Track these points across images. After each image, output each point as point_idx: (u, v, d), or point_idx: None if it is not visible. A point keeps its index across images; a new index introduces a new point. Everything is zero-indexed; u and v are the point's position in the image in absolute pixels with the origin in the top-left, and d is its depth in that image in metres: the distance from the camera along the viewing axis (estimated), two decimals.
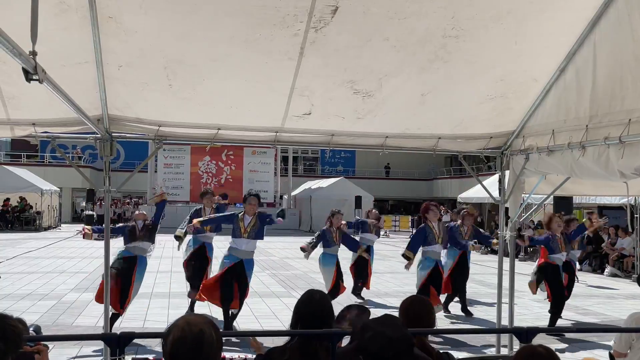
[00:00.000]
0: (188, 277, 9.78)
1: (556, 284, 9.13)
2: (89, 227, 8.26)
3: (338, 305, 3.62)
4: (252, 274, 8.44)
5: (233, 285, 8.20)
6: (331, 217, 10.10)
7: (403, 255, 8.54)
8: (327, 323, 2.99)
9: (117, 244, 7.95)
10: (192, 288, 9.56)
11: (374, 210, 12.98)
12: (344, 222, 10.46)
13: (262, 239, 8.32)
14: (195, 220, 8.55)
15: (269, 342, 3.29)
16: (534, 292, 9.57)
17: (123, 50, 4.07)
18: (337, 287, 9.68)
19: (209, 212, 9.66)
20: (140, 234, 7.90)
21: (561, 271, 9.29)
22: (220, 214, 8.92)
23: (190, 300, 9.64)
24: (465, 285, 10.46)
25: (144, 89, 4.66)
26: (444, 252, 9.46)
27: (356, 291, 11.60)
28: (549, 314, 9.04)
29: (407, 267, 8.61)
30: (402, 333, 2.43)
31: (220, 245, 9.91)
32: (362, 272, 11.41)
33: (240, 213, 8.32)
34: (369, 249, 11.32)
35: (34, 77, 2.55)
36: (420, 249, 8.58)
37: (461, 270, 10.28)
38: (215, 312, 8.65)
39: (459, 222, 10.47)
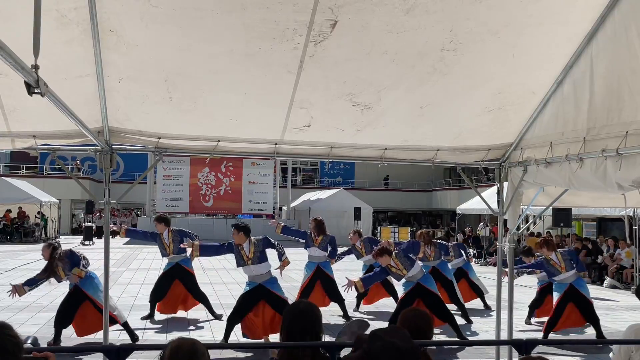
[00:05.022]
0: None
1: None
2: (18, 283, 7.91)
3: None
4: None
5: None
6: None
7: None
8: (312, 331, 2.98)
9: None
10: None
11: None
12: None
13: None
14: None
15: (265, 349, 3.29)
16: None
17: (124, 63, 4.10)
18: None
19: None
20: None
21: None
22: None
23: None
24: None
25: (144, 102, 4.69)
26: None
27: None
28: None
29: None
30: (412, 345, 2.44)
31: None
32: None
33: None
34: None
35: (36, 91, 2.57)
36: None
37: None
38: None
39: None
